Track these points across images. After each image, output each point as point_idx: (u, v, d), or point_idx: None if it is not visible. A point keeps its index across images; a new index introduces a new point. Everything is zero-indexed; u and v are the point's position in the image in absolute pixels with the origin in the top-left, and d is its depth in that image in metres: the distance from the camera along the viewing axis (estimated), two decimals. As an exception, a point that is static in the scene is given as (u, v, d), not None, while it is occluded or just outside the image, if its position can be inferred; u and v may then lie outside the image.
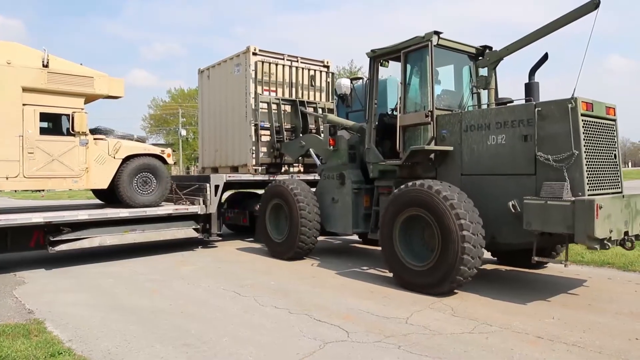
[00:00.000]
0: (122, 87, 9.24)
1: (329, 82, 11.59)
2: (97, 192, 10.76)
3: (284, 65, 10.95)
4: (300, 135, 10.42)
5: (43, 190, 9.00)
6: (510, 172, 6.05)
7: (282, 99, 10.71)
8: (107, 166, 8.84)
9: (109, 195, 9.94)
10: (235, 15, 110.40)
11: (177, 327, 4.96)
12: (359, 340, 4.49)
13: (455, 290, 6.09)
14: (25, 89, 8.00)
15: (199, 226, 9.83)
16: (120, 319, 5.24)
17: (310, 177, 10.72)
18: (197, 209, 9.73)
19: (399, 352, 4.21)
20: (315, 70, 11.49)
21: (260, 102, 10.32)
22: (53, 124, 8.46)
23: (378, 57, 7.67)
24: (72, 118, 8.41)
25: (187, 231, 9.63)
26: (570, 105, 5.49)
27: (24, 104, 8.00)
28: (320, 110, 11.12)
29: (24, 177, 8.00)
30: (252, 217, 11.06)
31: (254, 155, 10.56)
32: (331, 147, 8.61)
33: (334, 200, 8.46)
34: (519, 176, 5.94)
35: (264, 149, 10.59)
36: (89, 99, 9.07)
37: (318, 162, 9.44)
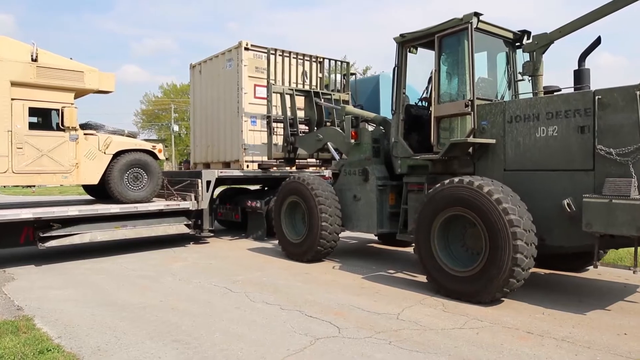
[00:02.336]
0: (112, 81, 9.16)
1: (321, 78, 11.52)
2: (88, 188, 10.68)
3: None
4: (316, 128, 9.87)
5: (34, 186, 8.94)
6: (563, 167, 5.47)
7: (295, 90, 10.10)
8: (97, 161, 8.77)
9: (100, 191, 9.87)
10: (229, 10, 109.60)
11: (168, 323, 4.94)
12: (350, 336, 4.50)
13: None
14: (13, 83, 7.90)
15: (190, 222, 9.79)
16: (110, 315, 5.21)
17: None
18: (188, 204, 9.68)
19: (390, 347, 4.22)
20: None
21: (273, 92, 9.76)
22: (42, 119, 8.36)
23: (407, 43, 7.10)
24: (62, 113, 8.33)
25: (178, 227, 9.59)
26: (638, 93, 4.91)
27: (12, 99, 7.91)
28: (334, 102, 10.50)
29: (13, 172, 7.92)
30: (244, 212, 11.06)
31: (245, 150, 10.50)
32: (353, 140, 8.02)
33: (355, 197, 7.87)
34: (574, 172, 5.37)
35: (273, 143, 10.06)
36: (79, 93, 8.97)
37: (337, 157, 8.81)
